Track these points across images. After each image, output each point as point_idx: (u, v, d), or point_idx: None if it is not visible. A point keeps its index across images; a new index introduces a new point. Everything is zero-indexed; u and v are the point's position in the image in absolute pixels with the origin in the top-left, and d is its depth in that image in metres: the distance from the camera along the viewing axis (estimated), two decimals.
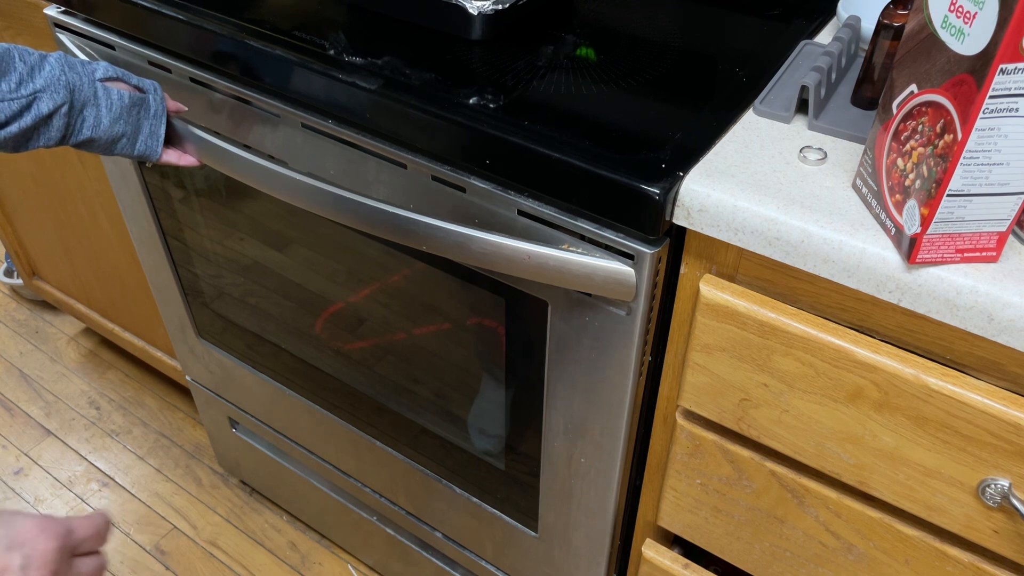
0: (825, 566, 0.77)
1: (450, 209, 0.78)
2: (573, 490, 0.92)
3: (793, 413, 0.68)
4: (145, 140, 0.82)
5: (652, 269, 0.69)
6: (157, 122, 0.82)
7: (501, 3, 0.82)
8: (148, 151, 0.82)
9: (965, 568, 0.68)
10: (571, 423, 0.85)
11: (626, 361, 0.76)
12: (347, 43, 0.82)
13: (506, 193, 0.73)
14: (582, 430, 0.85)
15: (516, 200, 0.73)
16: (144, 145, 0.82)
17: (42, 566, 0.56)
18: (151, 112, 0.82)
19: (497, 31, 0.82)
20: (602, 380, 0.79)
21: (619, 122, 0.72)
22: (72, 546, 0.59)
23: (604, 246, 0.70)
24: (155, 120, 0.82)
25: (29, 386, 1.74)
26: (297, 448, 1.30)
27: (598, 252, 0.70)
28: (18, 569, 0.55)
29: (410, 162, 0.78)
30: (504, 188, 0.73)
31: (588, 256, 0.70)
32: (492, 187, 0.74)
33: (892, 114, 0.58)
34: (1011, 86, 0.49)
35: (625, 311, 0.73)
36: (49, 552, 0.56)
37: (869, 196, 0.61)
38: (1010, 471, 0.60)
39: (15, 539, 0.55)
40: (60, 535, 0.57)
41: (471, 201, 0.76)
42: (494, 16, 0.81)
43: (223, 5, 0.87)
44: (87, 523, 0.60)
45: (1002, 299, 0.55)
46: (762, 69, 0.78)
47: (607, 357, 0.77)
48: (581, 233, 0.71)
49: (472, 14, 0.81)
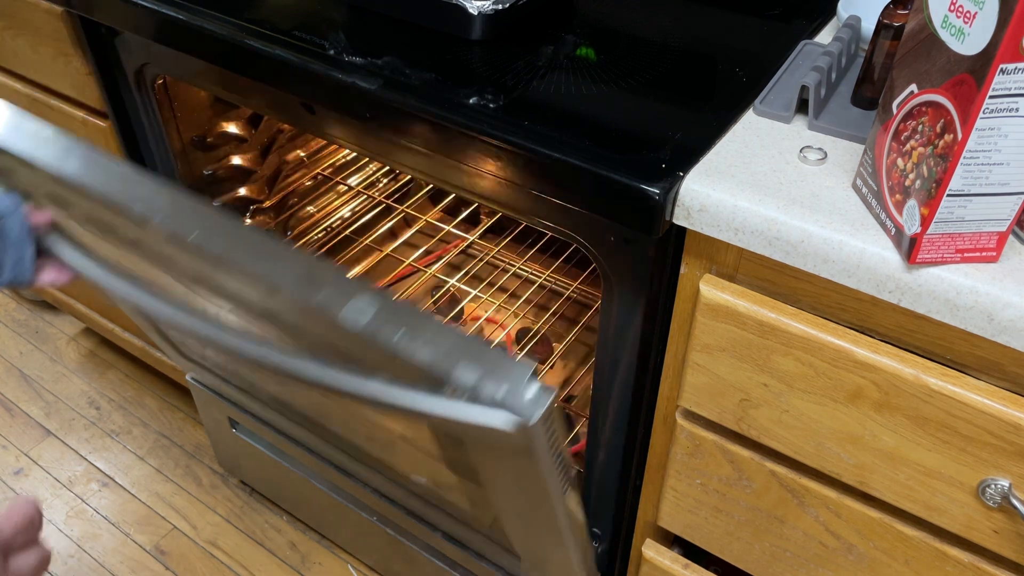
0: (825, 566, 0.76)
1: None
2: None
3: (793, 413, 0.68)
4: (12, 269, 0.71)
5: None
6: (22, 245, 0.71)
7: (501, 3, 0.82)
8: (17, 278, 0.72)
9: (965, 568, 0.68)
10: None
11: None
12: (347, 43, 0.82)
13: None
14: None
15: None
16: (12, 273, 0.71)
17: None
18: (12, 238, 0.71)
19: (497, 31, 0.82)
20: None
21: (619, 122, 0.72)
22: (3, 541, 0.52)
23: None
24: (19, 245, 0.71)
25: (29, 386, 1.74)
26: (297, 448, 1.30)
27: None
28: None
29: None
30: None
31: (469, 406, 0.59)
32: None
33: (892, 114, 0.58)
34: (1011, 86, 0.49)
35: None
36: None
37: (869, 196, 0.61)
38: (1010, 471, 0.60)
39: None
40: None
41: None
42: (494, 16, 0.81)
43: (223, 5, 0.87)
44: (12, 515, 0.54)
45: (1002, 299, 0.55)
46: (762, 69, 0.78)
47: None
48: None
49: (472, 14, 0.81)
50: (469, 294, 1.41)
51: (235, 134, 1.19)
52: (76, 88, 1.09)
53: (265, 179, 1.28)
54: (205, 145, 1.15)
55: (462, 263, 1.50)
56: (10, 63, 1.16)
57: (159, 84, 1.02)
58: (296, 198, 1.38)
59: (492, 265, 1.48)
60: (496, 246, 1.45)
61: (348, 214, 1.46)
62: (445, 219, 1.54)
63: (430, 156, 0.79)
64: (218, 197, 1.21)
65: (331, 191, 1.45)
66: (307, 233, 1.39)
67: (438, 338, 0.58)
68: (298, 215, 1.39)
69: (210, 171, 1.17)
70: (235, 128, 1.19)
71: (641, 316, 0.75)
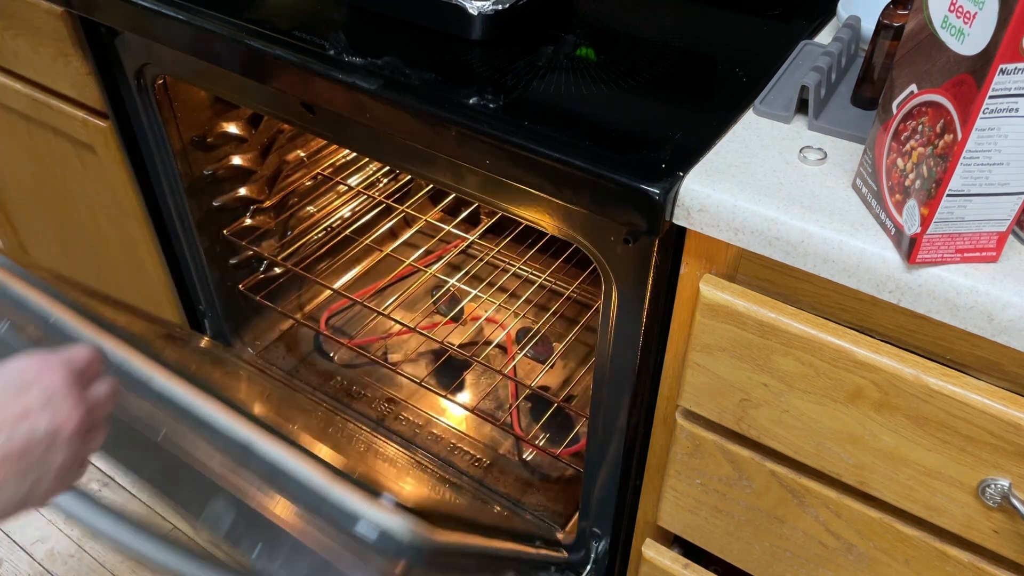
0: (825, 566, 0.76)
1: None
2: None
3: (793, 413, 0.68)
4: None
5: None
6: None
7: (501, 3, 0.82)
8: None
9: (965, 568, 0.68)
10: None
11: None
12: (347, 43, 0.82)
13: None
14: None
15: None
16: None
17: (63, 398, 0.52)
18: None
19: (497, 31, 0.82)
20: None
21: (619, 122, 0.72)
22: (78, 372, 0.54)
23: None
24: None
25: None
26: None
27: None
28: (41, 407, 0.51)
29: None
30: None
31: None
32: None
33: (892, 114, 0.58)
34: (1011, 86, 0.49)
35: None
36: (62, 382, 0.52)
37: (869, 196, 0.61)
38: (1010, 471, 0.60)
39: (24, 380, 0.51)
40: (64, 363, 0.53)
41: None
42: (494, 16, 0.81)
43: (223, 5, 0.87)
44: (82, 350, 0.56)
45: (1002, 299, 0.55)
46: (762, 69, 0.78)
47: None
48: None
49: (472, 14, 0.81)
50: (469, 294, 1.41)
51: (235, 134, 1.19)
52: (76, 88, 1.09)
53: (265, 179, 1.28)
54: (205, 145, 1.15)
55: (462, 263, 1.50)
56: (10, 63, 1.15)
57: (159, 84, 1.02)
58: (296, 198, 1.38)
59: (492, 265, 1.48)
60: (496, 246, 1.45)
61: (348, 214, 1.46)
62: (445, 219, 1.54)
63: (430, 156, 0.79)
64: (218, 197, 1.21)
65: (331, 191, 1.45)
66: (307, 233, 1.39)
67: (294, 558, 0.57)
68: (298, 215, 1.39)
69: (210, 171, 1.17)
70: (235, 128, 1.19)
71: (641, 316, 0.75)
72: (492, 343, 1.32)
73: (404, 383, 1.28)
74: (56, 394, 0.51)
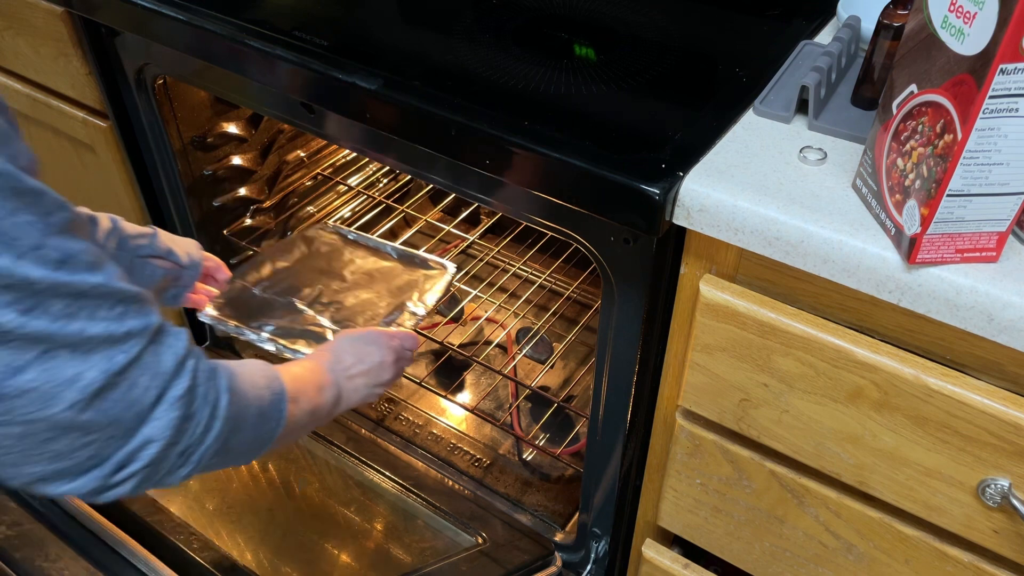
0: (825, 566, 0.77)
1: None
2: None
3: (793, 413, 0.68)
4: (171, 299, 0.94)
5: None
6: (182, 290, 0.94)
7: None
8: (170, 304, 0.95)
9: (965, 568, 0.68)
10: None
11: None
12: (347, 43, 0.82)
13: None
14: None
15: None
16: (171, 302, 0.94)
17: (409, 350, 0.91)
18: (183, 283, 0.93)
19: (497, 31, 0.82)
20: None
21: (619, 122, 0.72)
22: (395, 350, 0.89)
23: None
24: (182, 289, 0.94)
25: None
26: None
27: None
28: (380, 353, 0.85)
29: None
30: None
31: None
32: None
33: (892, 114, 0.58)
34: (1011, 86, 0.49)
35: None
36: (400, 343, 0.89)
37: (869, 196, 0.61)
38: (1010, 471, 0.60)
39: (381, 342, 0.87)
40: (390, 335, 0.89)
41: None
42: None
43: (223, 5, 0.87)
44: (396, 332, 0.91)
45: (1002, 299, 0.55)
46: (762, 69, 0.78)
47: None
48: None
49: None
50: (469, 294, 1.41)
51: (235, 134, 1.19)
52: (76, 88, 1.09)
53: (265, 179, 1.28)
54: (205, 145, 1.15)
55: (462, 263, 1.50)
56: (10, 63, 1.16)
57: (159, 84, 1.03)
58: (296, 198, 1.38)
59: (492, 265, 1.48)
60: (496, 246, 1.45)
61: (348, 214, 1.46)
62: (445, 219, 1.54)
63: (430, 156, 0.79)
64: (218, 197, 1.21)
65: (331, 191, 1.45)
66: None
67: None
68: (298, 215, 1.39)
69: (210, 171, 1.17)
70: (235, 128, 1.19)
71: (641, 316, 0.75)
72: (492, 343, 1.32)
73: (404, 383, 1.28)
74: (408, 352, 0.91)
